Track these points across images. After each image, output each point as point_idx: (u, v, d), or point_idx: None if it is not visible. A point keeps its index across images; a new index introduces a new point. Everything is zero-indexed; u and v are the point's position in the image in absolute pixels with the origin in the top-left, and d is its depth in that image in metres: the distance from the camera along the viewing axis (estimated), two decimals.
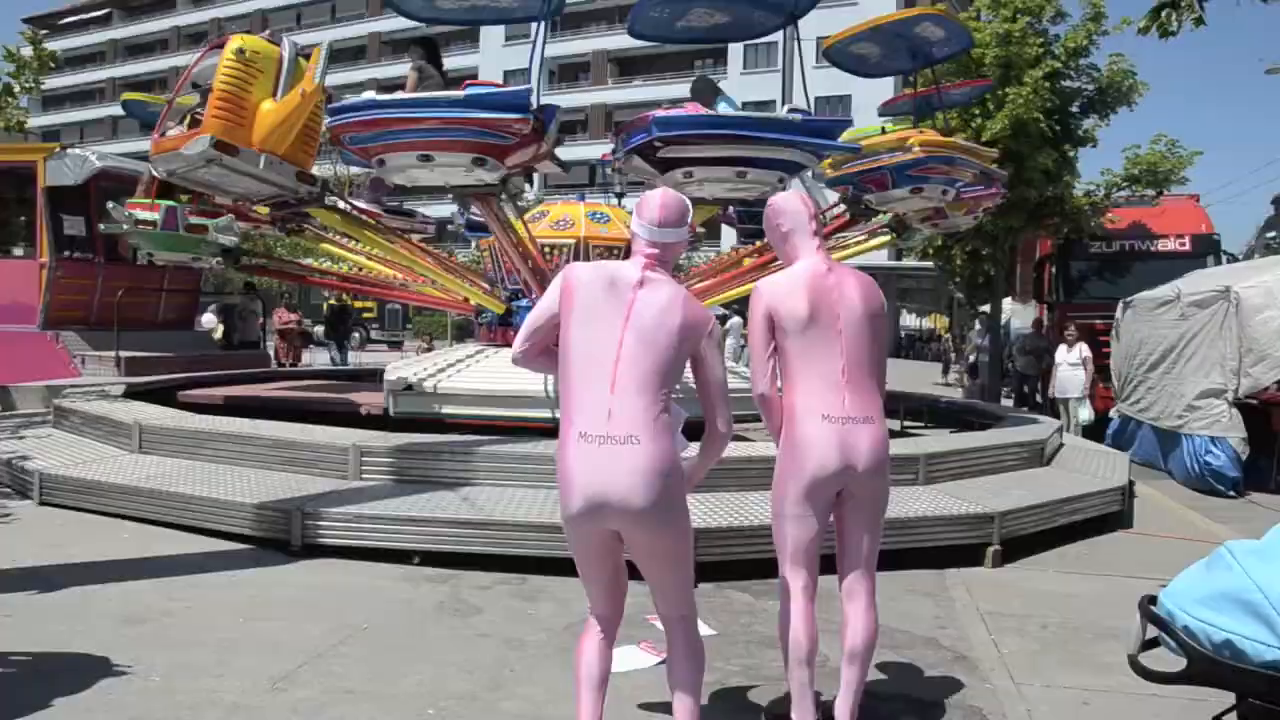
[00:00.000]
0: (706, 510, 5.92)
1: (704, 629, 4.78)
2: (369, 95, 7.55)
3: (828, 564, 3.59)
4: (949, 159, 8.51)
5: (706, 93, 8.21)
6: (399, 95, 7.45)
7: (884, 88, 19.07)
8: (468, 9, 7.77)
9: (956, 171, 8.64)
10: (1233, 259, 16.40)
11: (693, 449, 3.19)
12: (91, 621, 4.56)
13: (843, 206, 9.59)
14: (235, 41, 7.39)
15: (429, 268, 9.64)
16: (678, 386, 3.04)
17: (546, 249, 9.16)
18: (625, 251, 8.72)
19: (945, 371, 27.71)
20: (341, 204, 9.76)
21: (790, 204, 3.65)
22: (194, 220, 9.37)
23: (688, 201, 3.27)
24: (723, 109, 7.94)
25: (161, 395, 9.83)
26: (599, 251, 9.12)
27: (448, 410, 8.12)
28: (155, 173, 8.23)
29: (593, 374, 2.94)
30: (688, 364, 3.09)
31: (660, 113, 7.66)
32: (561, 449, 2.96)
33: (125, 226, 9.95)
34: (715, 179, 7.65)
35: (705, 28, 8.50)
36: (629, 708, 3.76)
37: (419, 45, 7.97)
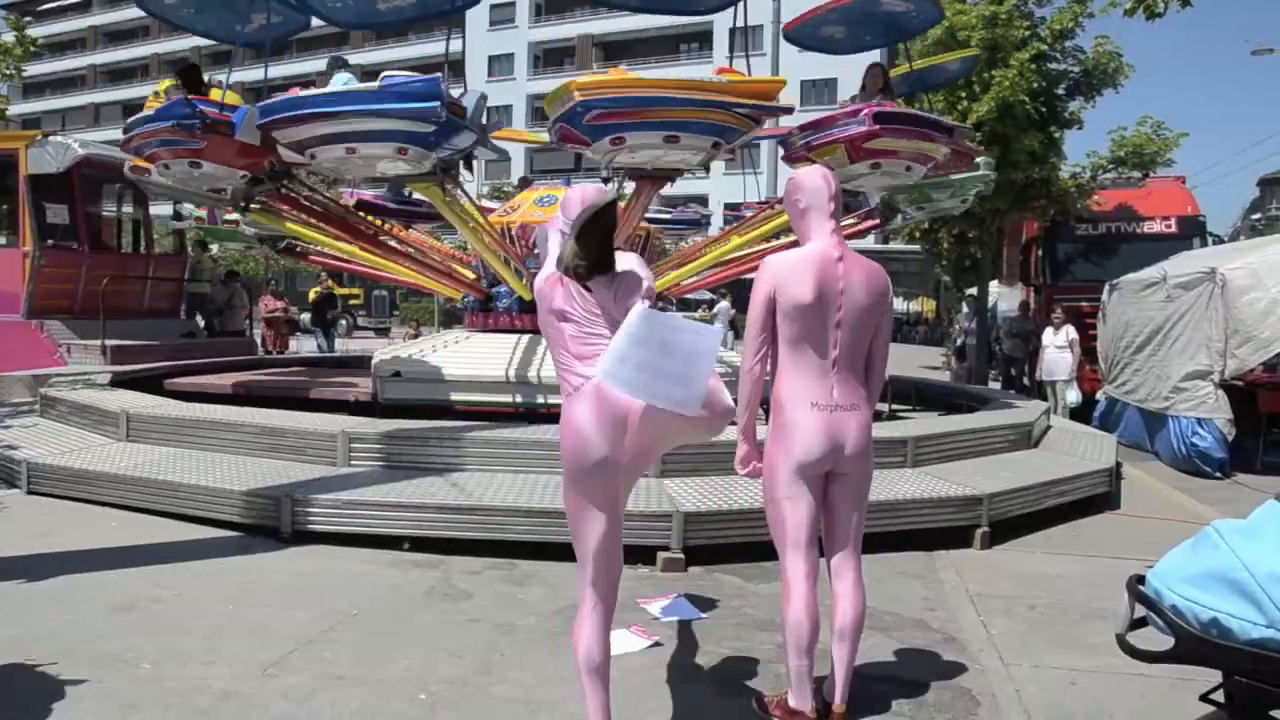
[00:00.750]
0: (696, 494, 5.93)
1: (694, 612, 4.81)
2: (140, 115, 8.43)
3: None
4: (621, 100, 7.31)
5: (330, 69, 8.26)
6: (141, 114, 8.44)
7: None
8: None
9: (653, 114, 7.33)
10: (1219, 240, 16.45)
11: None
12: (80, 610, 4.54)
13: None
14: (159, 85, 9.16)
15: (360, 252, 9.87)
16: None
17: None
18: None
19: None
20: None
21: (810, 180, 3.55)
22: (228, 216, 11.35)
23: (609, 191, 3.34)
24: (333, 85, 7.77)
25: (148, 383, 9.79)
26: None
27: (436, 396, 8.13)
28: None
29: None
30: None
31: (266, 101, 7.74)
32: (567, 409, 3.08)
33: (190, 223, 12.92)
34: (331, 157, 7.58)
35: (407, 5, 8.44)
36: (620, 691, 3.77)
37: (179, 74, 8.78)
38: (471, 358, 8.35)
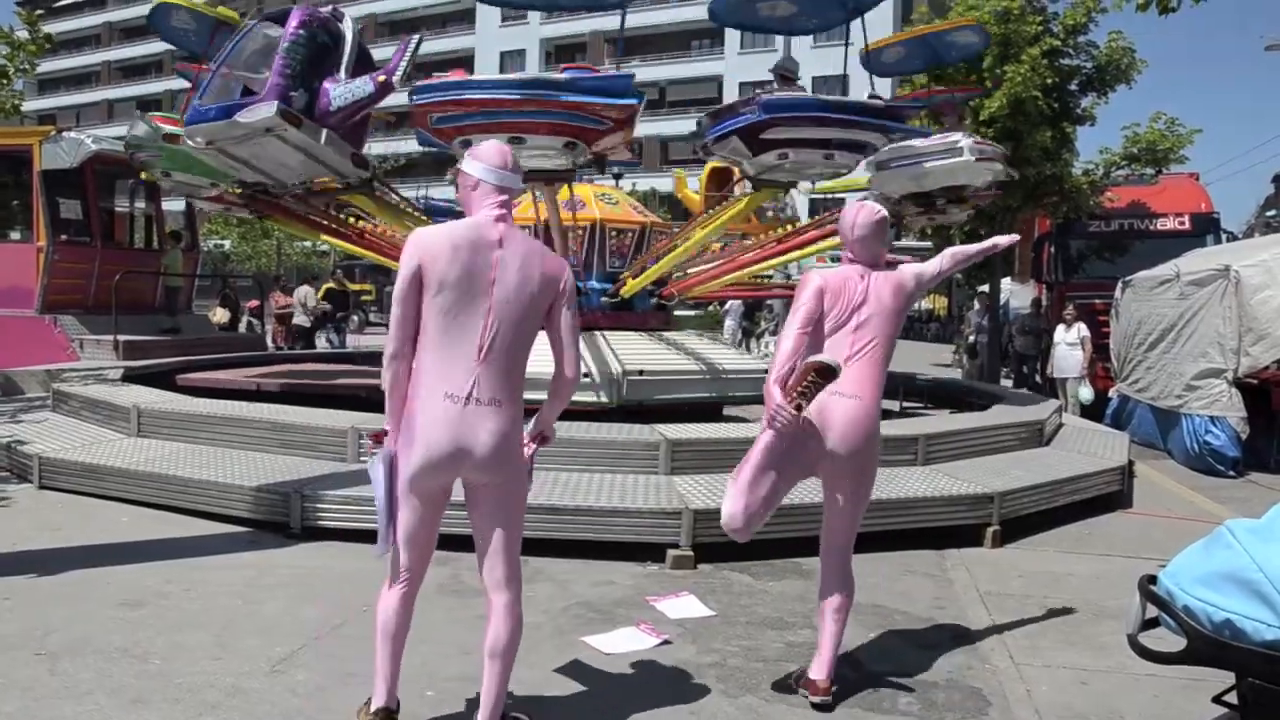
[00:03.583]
0: (706, 491, 5.91)
1: (703, 610, 4.80)
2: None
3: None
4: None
5: None
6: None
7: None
8: None
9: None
10: (1232, 237, 16.37)
11: None
12: (90, 605, 4.55)
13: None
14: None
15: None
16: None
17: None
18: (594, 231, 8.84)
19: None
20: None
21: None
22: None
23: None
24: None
25: (160, 379, 9.81)
26: (614, 234, 9.15)
27: None
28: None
29: (461, 339, 3.05)
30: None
31: None
32: (423, 408, 3.08)
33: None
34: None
35: None
36: (629, 688, 3.77)
37: None
38: None
